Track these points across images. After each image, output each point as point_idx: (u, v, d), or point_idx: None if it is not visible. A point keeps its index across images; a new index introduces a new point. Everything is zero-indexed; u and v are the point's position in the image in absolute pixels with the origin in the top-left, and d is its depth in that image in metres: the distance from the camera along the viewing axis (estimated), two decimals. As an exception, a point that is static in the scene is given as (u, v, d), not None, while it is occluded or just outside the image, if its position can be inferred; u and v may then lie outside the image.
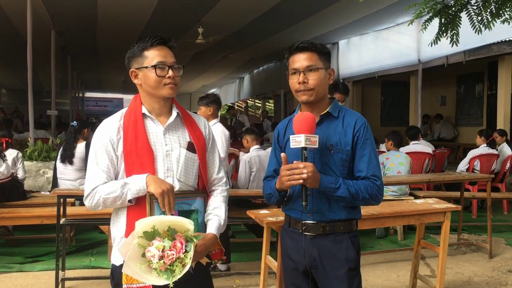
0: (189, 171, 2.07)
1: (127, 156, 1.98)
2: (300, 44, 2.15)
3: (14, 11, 8.54)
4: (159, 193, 1.88)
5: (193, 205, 2.05)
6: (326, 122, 2.18)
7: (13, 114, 18.75)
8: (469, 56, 8.19)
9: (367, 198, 2.10)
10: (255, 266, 4.66)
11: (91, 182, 1.99)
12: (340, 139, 2.13)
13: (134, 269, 1.81)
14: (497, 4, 3.42)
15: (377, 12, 8.69)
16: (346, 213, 2.15)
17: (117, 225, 2.05)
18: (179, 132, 2.09)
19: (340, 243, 2.14)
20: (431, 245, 4.11)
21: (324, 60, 2.17)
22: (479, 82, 12.03)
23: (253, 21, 9.43)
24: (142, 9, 8.57)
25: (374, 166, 2.14)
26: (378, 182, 2.13)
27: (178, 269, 1.78)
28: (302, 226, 2.16)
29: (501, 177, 7.51)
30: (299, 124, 2.04)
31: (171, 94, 2.04)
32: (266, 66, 16.15)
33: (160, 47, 2.03)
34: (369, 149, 2.14)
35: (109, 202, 1.96)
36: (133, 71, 2.07)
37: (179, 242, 1.81)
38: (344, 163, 2.13)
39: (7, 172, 5.44)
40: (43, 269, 4.75)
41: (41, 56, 10.20)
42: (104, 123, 2.08)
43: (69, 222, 4.45)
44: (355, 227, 2.21)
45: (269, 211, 3.59)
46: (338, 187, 2.06)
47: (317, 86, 2.13)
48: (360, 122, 2.16)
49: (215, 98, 5.10)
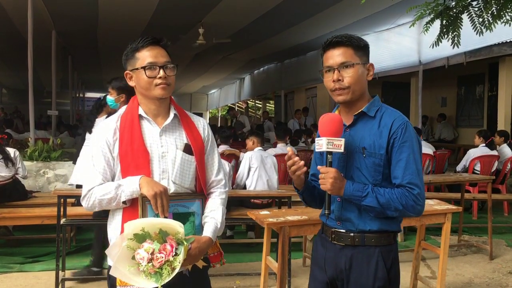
0: (185, 173, 2.05)
1: (123, 158, 1.97)
2: (334, 39, 1.97)
3: (15, 11, 8.54)
4: (151, 195, 1.87)
5: (190, 207, 2.03)
6: (361, 122, 2.00)
7: (13, 114, 18.75)
8: (470, 57, 8.18)
9: (400, 209, 1.89)
10: (255, 267, 4.66)
11: (88, 183, 2.00)
12: (374, 142, 1.94)
13: (122, 272, 1.80)
14: (498, 6, 3.42)
15: (377, 13, 8.68)
16: (380, 224, 1.95)
17: (113, 226, 2.04)
18: (176, 133, 2.07)
19: (370, 257, 1.95)
20: (431, 246, 4.11)
21: (362, 54, 1.98)
22: (479, 83, 12.03)
23: (254, 22, 9.42)
24: (143, 10, 8.57)
25: (412, 173, 1.90)
26: (416, 191, 1.89)
27: (167, 272, 1.76)
28: (332, 234, 2.03)
29: (502, 178, 7.51)
30: (323, 126, 1.91)
31: (163, 94, 2.00)
32: (266, 67, 16.14)
33: (151, 47, 2.01)
34: (407, 153, 1.91)
35: (105, 203, 1.96)
36: (127, 73, 2.07)
37: (170, 245, 1.79)
38: (377, 168, 1.94)
39: (9, 175, 5.45)
40: (43, 269, 4.75)
41: (41, 56, 10.20)
42: (102, 124, 2.09)
43: (69, 222, 4.45)
44: (391, 241, 2.00)
45: (269, 212, 3.59)
46: (366, 196, 1.89)
47: (353, 84, 1.95)
48: (398, 122, 1.94)
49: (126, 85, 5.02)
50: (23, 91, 14.79)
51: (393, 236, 2.02)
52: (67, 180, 6.72)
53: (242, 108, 22.23)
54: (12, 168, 5.51)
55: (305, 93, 16.86)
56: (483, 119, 11.84)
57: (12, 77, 18.98)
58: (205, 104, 26.88)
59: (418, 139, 1.99)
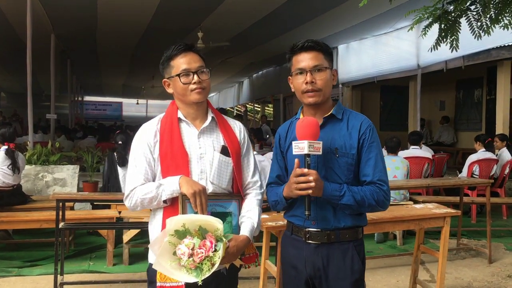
0: (223, 174, 2.11)
1: (163, 159, 2.05)
2: (306, 43, 2.07)
3: (14, 14, 8.55)
4: (191, 194, 1.93)
5: (228, 208, 2.09)
6: (329, 124, 2.10)
7: (12, 117, 18.72)
8: (468, 61, 8.21)
9: (374, 204, 2.02)
10: (254, 271, 4.65)
11: (130, 184, 2.07)
12: (345, 143, 2.05)
13: (164, 266, 1.87)
14: (496, 10, 3.43)
15: (376, 17, 8.72)
16: (352, 220, 2.06)
17: (154, 225, 2.11)
18: (214, 135, 2.14)
19: (346, 252, 2.05)
20: (430, 250, 4.11)
21: (329, 60, 2.09)
22: (478, 87, 12.05)
23: (252, 26, 9.46)
24: (142, 14, 8.59)
25: (380, 170, 2.05)
26: (385, 187, 2.04)
27: (207, 267, 1.82)
28: (306, 234, 2.08)
29: (500, 182, 7.50)
30: (302, 129, 1.97)
31: (199, 99, 2.07)
32: (265, 71, 16.18)
33: (184, 54, 2.09)
34: (375, 152, 2.05)
35: (146, 202, 2.03)
36: (165, 81, 2.16)
37: (209, 241, 1.84)
38: (349, 167, 2.04)
39: (14, 182, 5.45)
40: (41, 274, 4.73)
41: (40, 59, 10.20)
42: (143, 127, 2.15)
43: (68, 226, 4.44)
44: (360, 235, 2.12)
45: (268, 216, 3.59)
46: (343, 195, 1.98)
47: (324, 86, 2.05)
48: (366, 124, 2.08)
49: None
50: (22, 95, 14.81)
51: (361, 230, 2.13)
52: (65, 184, 6.72)
53: (240, 112, 22.26)
54: (18, 176, 5.50)
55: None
56: (482, 122, 11.85)
57: (11, 80, 19.01)
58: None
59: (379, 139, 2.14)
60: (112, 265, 4.99)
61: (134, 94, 25.16)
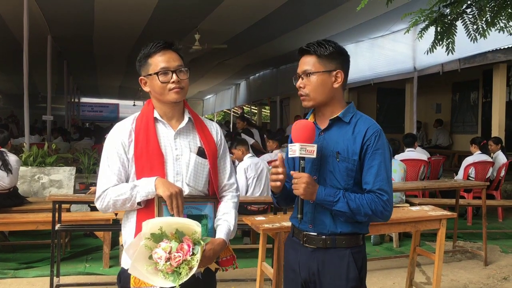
0: (199, 176, 2.07)
1: (138, 159, 1.99)
2: (302, 47, 2.05)
3: (11, 16, 8.53)
4: (167, 196, 1.88)
5: (203, 210, 2.05)
6: (335, 127, 2.04)
7: (8, 119, 18.66)
8: (464, 64, 8.23)
9: (370, 214, 1.94)
10: (250, 273, 4.65)
11: (102, 184, 2.00)
12: (347, 147, 1.98)
13: (140, 271, 1.81)
14: (492, 13, 3.45)
15: (372, 20, 8.73)
16: (351, 226, 2.00)
17: (127, 228, 2.05)
18: (190, 137, 2.09)
19: (342, 259, 2.00)
20: (426, 252, 4.12)
21: (327, 62, 2.01)
22: (474, 90, 12.11)
23: (250, 28, 9.46)
24: (139, 15, 8.58)
25: (382, 179, 1.95)
26: (385, 197, 1.95)
27: (185, 271, 1.78)
28: (303, 237, 2.06)
29: (496, 184, 7.54)
30: (295, 132, 1.96)
31: (177, 98, 2.02)
32: (262, 73, 16.17)
33: (163, 52, 2.03)
34: (379, 160, 1.96)
35: (119, 204, 1.97)
36: (141, 78, 2.09)
37: (186, 244, 1.80)
38: (349, 173, 1.98)
39: (10, 184, 5.43)
40: (37, 275, 4.71)
41: (37, 61, 10.19)
42: (117, 126, 2.09)
43: (64, 228, 4.43)
44: (360, 242, 2.05)
45: (265, 218, 3.60)
46: (337, 201, 1.93)
47: (311, 91, 2.02)
48: (372, 130, 1.98)
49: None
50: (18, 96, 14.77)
51: (361, 237, 2.06)
52: (62, 186, 6.70)
53: (237, 114, 22.26)
54: (13, 178, 5.46)
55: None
56: (478, 125, 11.90)
57: (7, 81, 18.94)
58: (200, 109, 26.91)
59: (389, 147, 2.05)
60: (109, 267, 4.98)
61: (131, 95, 25.10)
